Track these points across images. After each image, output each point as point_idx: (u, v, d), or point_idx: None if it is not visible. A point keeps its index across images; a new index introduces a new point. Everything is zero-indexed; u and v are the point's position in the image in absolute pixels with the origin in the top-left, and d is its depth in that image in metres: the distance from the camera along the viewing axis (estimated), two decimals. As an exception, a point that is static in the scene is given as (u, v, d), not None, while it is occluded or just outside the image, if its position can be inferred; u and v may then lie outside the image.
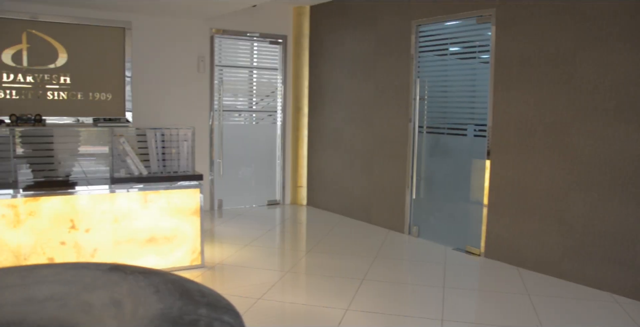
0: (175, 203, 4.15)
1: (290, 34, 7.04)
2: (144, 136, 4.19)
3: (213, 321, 1.35)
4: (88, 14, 5.72)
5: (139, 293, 1.48)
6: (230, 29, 6.64)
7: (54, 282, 1.61)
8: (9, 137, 3.90)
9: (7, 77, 5.40)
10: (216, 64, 6.62)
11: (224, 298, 1.53)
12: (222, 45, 6.72)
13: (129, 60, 5.95)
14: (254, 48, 7.04)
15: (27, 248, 3.77)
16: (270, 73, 7.09)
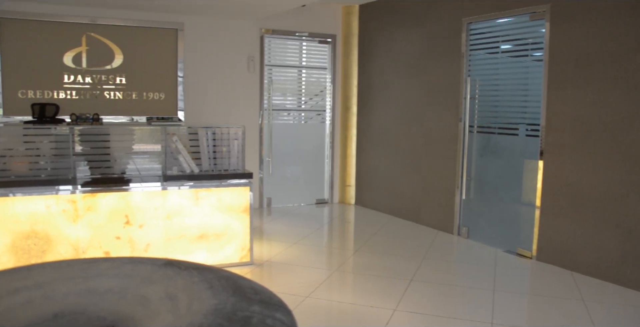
0: (225, 201, 4.22)
1: (339, 33, 7.05)
2: (196, 135, 4.28)
3: (266, 318, 1.37)
4: (143, 16, 5.89)
5: (193, 288, 1.52)
6: (280, 29, 6.70)
7: (113, 276, 1.67)
8: (69, 135, 4.06)
9: (68, 78, 5.64)
10: (266, 64, 6.70)
11: (276, 296, 1.54)
12: (272, 45, 6.79)
13: (181, 60, 6.10)
14: (303, 47, 7.08)
15: (85, 242, 3.92)
16: (319, 72, 7.12)
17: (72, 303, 1.61)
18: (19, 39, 5.49)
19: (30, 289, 1.63)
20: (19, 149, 4.06)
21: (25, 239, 3.79)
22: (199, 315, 1.36)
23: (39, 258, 3.83)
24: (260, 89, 6.66)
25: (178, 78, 6.09)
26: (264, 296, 1.51)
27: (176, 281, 1.57)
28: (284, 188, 6.97)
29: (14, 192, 3.80)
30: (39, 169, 4.03)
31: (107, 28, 5.79)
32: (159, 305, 1.50)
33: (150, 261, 1.73)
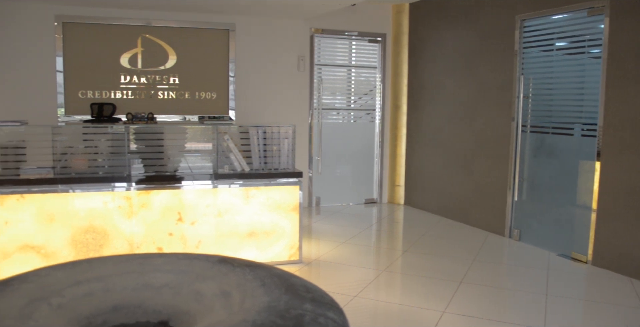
0: (275, 199, 4.27)
1: (389, 32, 7.01)
2: (247, 134, 4.34)
3: (318, 316, 1.38)
4: (195, 17, 6.02)
5: (246, 285, 1.55)
6: (329, 29, 6.72)
7: (168, 271, 1.72)
8: (124, 134, 4.19)
9: (124, 79, 5.82)
10: (315, 63, 6.72)
11: (328, 294, 1.55)
12: (321, 45, 6.81)
13: (232, 60, 6.20)
14: (353, 47, 7.06)
15: (139, 237, 4.04)
16: (368, 71, 7.10)
17: (130, 296, 1.67)
18: (79, 42, 5.71)
19: (92, 282, 1.70)
20: (78, 147, 4.21)
21: (84, 234, 3.93)
22: (252, 312, 1.39)
23: (96, 252, 3.97)
24: (310, 88, 6.70)
25: (229, 78, 6.20)
26: (316, 295, 1.52)
27: (230, 278, 1.60)
28: (333, 187, 6.98)
29: (73, 188, 3.95)
30: (97, 167, 4.17)
31: (162, 30, 5.94)
32: (213, 301, 1.53)
33: (204, 257, 1.77)
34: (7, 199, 3.78)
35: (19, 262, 3.83)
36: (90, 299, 1.64)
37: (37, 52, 5.67)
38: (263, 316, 1.36)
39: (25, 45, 5.65)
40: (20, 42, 5.64)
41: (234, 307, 1.45)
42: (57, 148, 4.07)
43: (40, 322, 1.48)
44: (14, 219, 3.79)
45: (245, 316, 1.36)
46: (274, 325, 1.30)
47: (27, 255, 3.84)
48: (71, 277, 1.70)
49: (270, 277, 1.58)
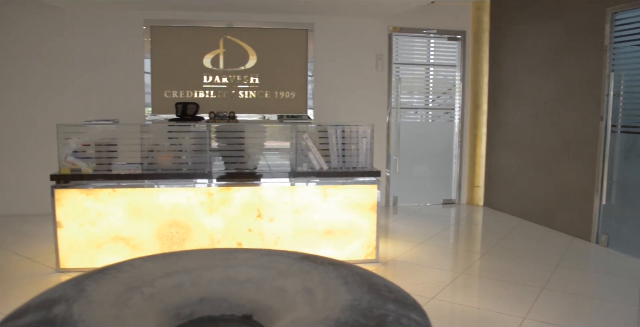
0: (352, 198, 4.27)
1: (469, 30, 6.84)
2: (325, 132, 4.37)
3: (401, 317, 1.37)
4: (275, 18, 6.13)
5: (329, 283, 1.56)
6: (408, 27, 6.64)
7: (252, 267, 1.76)
8: (206, 132, 4.32)
9: (207, 79, 6.03)
10: (393, 62, 6.67)
11: (410, 295, 1.54)
12: (399, 43, 6.74)
13: (311, 60, 6.26)
14: (431, 45, 6.95)
15: (219, 233, 4.16)
16: (447, 70, 6.96)
17: (216, 290, 1.72)
18: (166, 44, 5.97)
19: (180, 274, 1.76)
20: (164, 144, 4.40)
21: (169, 227, 4.10)
22: (335, 310, 1.39)
23: (179, 245, 4.13)
24: (388, 87, 6.65)
25: (308, 77, 6.27)
26: (398, 295, 1.51)
27: (312, 275, 1.62)
28: (410, 187, 6.91)
29: (158, 184, 4.13)
30: (180, 163, 4.34)
31: (242, 31, 6.10)
32: (296, 297, 1.55)
33: (287, 254, 1.80)
34: (100, 193, 4.01)
35: (111, 252, 4.05)
36: (178, 291, 1.71)
37: (128, 55, 5.98)
38: (346, 314, 1.36)
39: (117, 49, 5.98)
40: (112, 46, 5.97)
41: (317, 304, 1.47)
42: (144, 145, 4.27)
43: (135, 310, 1.56)
44: (106, 211, 4.02)
45: (329, 314, 1.37)
46: (357, 324, 1.30)
47: (117, 245, 4.05)
48: (161, 269, 1.77)
49: (352, 276, 1.58)
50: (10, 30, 5.88)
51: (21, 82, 5.96)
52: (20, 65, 5.94)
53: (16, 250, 4.72)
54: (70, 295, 1.64)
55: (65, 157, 4.11)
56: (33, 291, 3.71)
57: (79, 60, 5.98)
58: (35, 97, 5.99)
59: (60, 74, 5.98)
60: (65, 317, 1.50)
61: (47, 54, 5.95)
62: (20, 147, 6.04)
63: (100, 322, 1.48)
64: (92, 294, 1.63)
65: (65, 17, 5.92)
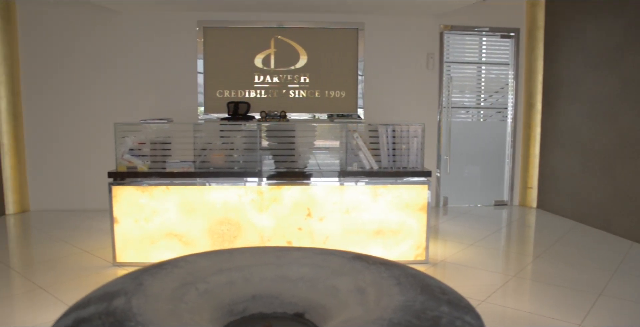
0: (402, 198, 4.24)
1: (523, 27, 6.67)
2: (376, 132, 4.35)
3: (455, 319, 1.35)
4: (326, 18, 6.14)
5: (381, 283, 1.55)
6: (459, 25, 6.54)
7: (305, 265, 1.76)
8: (257, 131, 4.37)
9: (258, 79, 6.10)
10: (445, 61, 6.58)
11: (464, 298, 1.51)
12: (450, 42, 6.64)
13: (361, 59, 6.25)
14: (483, 43, 6.82)
15: (269, 231, 4.20)
16: (499, 68, 6.81)
17: (268, 287, 1.74)
18: (218, 44, 6.08)
19: (232, 271, 1.79)
20: (216, 143, 4.48)
21: (220, 225, 4.17)
22: (388, 310, 1.38)
23: (230, 243, 4.19)
24: (439, 86, 6.57)
25: (358, 76, 6.25)
26: (452, 297, 1.49)
27: (365, 275, 1.61)
28: (461, 188, 6.80)
29: (210, 182, 4.20)
30: (232, 162, 4.40)
31: (293, 31, 6.14)
32: (348, 297, 1.55)
33: (339, 253, 1.80)
34: (155, 190, 4.12)
35: (164, 248, 4.15)
36: (231, 287, 1.74)
37: (181, 56, 6.12)
38: (399, 315, 1.35)
39: (171, 50, 6.12)
40: (166, 47, 6.13)
41: (369, 304, 1.46)
42: (197, 144, 4.35)
43: (190, 305, 1.59)
44: (160, 208, 4.12)
45: (382, 314, 1.36)
46: (411, 325, 1.28)
47: (170, 241, 4.15)
48: (215, 266, 1.81)
49: (405, 277, 1.56)
50: (70, 33, 6.12)
51: (80, 82, 6.19)
52: (79, 66, 6.17)
53: (75, 243, 4.90)
54: (129, 289, 1.69)
55: (122, 155, 4.24)
56: (91, 283, 3.85)
57: (135, 61, 6.16)
58: (93, 97, 6.21)
59: (117, 75, 6.18)
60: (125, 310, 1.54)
61: (104, 55, 6.16)
62: (80, 145, 6.27)
63: (157, 317, 1.51)
64: (149, 288, 1.67)
65: (122, 20, 6.11)
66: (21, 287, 3.85)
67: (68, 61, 6.16)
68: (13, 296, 3.67)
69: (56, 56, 6.16)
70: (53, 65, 6.17)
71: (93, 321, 1.52)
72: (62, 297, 3.58)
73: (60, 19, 6.10)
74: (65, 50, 6.15)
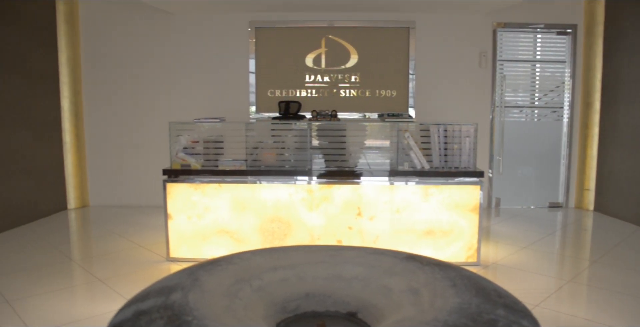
0: (454, 198, 4.18)
1: (581, 23, 6.46)
2: (427, 131, 4.30)
3: (512, 323, 1.32)
4: (376, 17, 6.12)
5: (435, 284, 1.54)
6: (513, 22, 6.39)
7: (358, 264, 1.77)
8: (307, 130, 4.40)
9: (309, 78, 6.14)
10: (498, 59, 6.44)
11: (521, 302, 1.48)
12: (504, 39, 6.50)
13: (412, 58, 6.19)
14: (538, 40, 6.64)
15: (319, 229, 4.22)
16: (555, 66, 6.62)
17: (321, 285, 1.75)
18: (269, 44, 6.15)
19: (286, 269, 1.81)
20: (267, 142, 4.53)
21: (270, 223, 4.22)
22: (442, 312, 1.37)
23: (280, 241, 4.24)
24: (492, 85, 6.44)
25: (409, 75, 6.20)
26: (508, 301, 1.46)
27: (418, 276, 1.60)
28: (514, 189, 6.65)
29: (260, 180, 4.26)
30: (283, 161, 4.45)
31: (344, 30, 6.14)
32: (401, 297, 1.54)
33: (392, 253, 1.79)
34: (207, 188, 4.21)
35: (216, 245, 4.24)
36: (285, 285, 1.76)
37: (234, 56, 6.23)
38: (454, 317, 1.33)
39: (224, 50, 6.24)
40: (219, 48, 6.24)
41: (423, 305, 1.45)
42: (249, 143, 4.42)
43: (244, 302, 1.62)
44: (213, 205, 4.21)
45: (436, 315, 1.35)
46: (466, 327, 1.27)
47: (222, 238, 4.23)
48: (269, 263, 1.83)
49: (460, 279, 1.55)
50: (128, 35, 6.32)
51: (137, 83, 6.38)
52: (136, 67, 6.36)
53: (131, 238, 5.06)
54: (185, 284, 1.74)
55: (176, 153, 4.35)
56: (146, 277, 3.97)
57: (189, 61, 6.31)
58: (150, 96, 6.39)
59: (172, 75, 6.34)
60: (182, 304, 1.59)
61: (159, 56, 6.33)
62: (137, 143, 6.47)
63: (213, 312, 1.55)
64: (205, 284, 1.71)
65: (176, 21, 6.26)
66: (81, 278, 4.01)
67: (126, 62, 6.36)
68: (74, 287, 3.83)
69: (115, 57, 6.37)
70: (112, 66, 6.38)
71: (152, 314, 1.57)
72: (119, 290, 3.71)
73: (119, 21, 6.31)
74: (123, 51, 6.35)
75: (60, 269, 4.21)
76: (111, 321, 1.78)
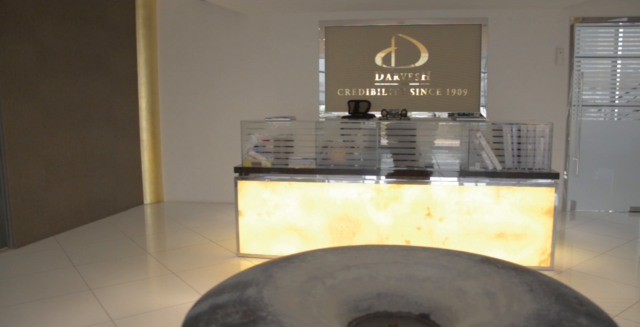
0: (527, 200, 4.06)
1: (670, 16, 6.10)
2: (499, 131, 4.20)
3: (595, 332, 1.28)
4: (447, 14, 6.02)
5: (512, 289, 1.50)
6: (592, 16, 6.11)
7: (431, 265, 1.76)
8: (376, 129, 4.39)
9: (378, 77, 6.13)
10: (575, 55, 6.19)
11: (604, 311, 1.43)
12: (581, 35, 6.23)
13: (484, 56, 6.05)
14: (619, 35, 6.32)
15: (387, 229, 4.21)
16: (638, 62, 6.28)
17: (394, 286, 1.75)
18: (339, 44, 6.18)
19: (359, 268, 1.82)
20: (336, 140, 4.56)
21: (339, 221, 4.25)
22: (520, 318, 1.34)
23: (349, 239, 4.26)
24: (569, 83, 6.19)
25: (481, 74, 6.07)
26: (590, 309, 1.41)
27: (494, 279, 1.57)
28: (591, 192, 6.37)
29: (328, 179, 4.29)
30: (352, 159, 4.46)
31: (414, 28, 6.08)
32: (476, 300, 1.52)
33: (466, 255, 1.77)
34: (277, 186, 4.28)
35: (285, 242, 4.31)
36: (357, 284, 1.77)
37: (303, 55, 6.30)
38: (532, 323, 1.30)
39: (294, 50, 6.32)
40: (290, 47, 6.33)
41: (499, 309, 1.42)
42: (318, 141, 4.46)
43: (317, 299, 1.65)
44: (282, 203, 4.28)
45: (513, 321, 1.32)
46: (545, 334, 1.24)
47: (291, 236, 4.30)
48: (342, 261, 1.85)
49: (538, 284, 1.51)
50: (203, 37, 6.52)
51: (210, 82, 6.58)
52: (210, 67, 6.55)
53: (203, 233, 5.23)
54: (259, 280, 1.78)
55: (247, 151, 4.45)
56: (217, 271, 4.09)
57: (260, 61, 6.44)
58: (223, 96, 6.57)
59: (243, 75, 6.49)
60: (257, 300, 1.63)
61: (232, 56, 6.49)
62: (209, 141, 6.67)
63: (287, 308, 1.58)
64: (279, 281, 1.75)
65: (249, 22, 6.40)
66: (156, 270, 4.19)
67: (199, 63, 6.57)
68: (149, 278, 4.00)
69: (189, 59, 6.59)
70: (186, 67, 6.61)
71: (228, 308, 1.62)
72: (191, 283, 3.85)
73: (193, 24, 6.52)
74: (197, 53, 6.56)
75: (136, 260, 4.41)
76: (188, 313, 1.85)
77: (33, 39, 4.89)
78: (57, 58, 5.19)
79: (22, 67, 4.77)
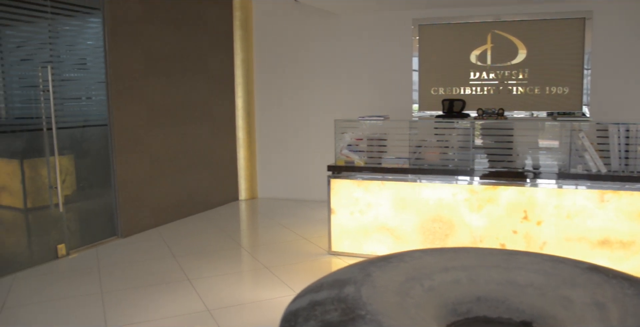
0: (636, 206, 3.81)
1: None
2: (604, 132, 3.97)
3: None
4: (547, 8, 5.76)
5: (625, 300, 1.43)
6: None
7: (533, 271, 1.71)
8: (470, 129, 4.29)
9: (474, 75, 5.98)
10: (692, 50, 5.72)
11: None
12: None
13: (587, 51, 5.73)
14: None
15: (481, 231, 4.11)
16: None
17: (494, 290, 1.72)
18: (432, 42, 6.09)
19: (458, 270, 1.81)
20: (430, 140, 4.50)
21: (432, 222, 4.20)
22: (634, 330, 1.28)
23: (441, 241, 4.20)
24: (683, 79, 5.74)
25: (584, 70, 5.76)
26: None
27: (604, 289, 1.51)
28: None
29: (420, 179, 4.25)
30: (446, 159, 4.39)
31: (511, 24, 5.87)
32: (584, 311, 1.46)
33: (571, 262, 1.70)
34: (370, 185, 4.30)
35: (376, 241, 4.32)
36: (456, 287, 1.76)
37: (397, 54, 6.27)
38: (648, 336, 1.24)
39: (387, 49, 6.31)
40: (382, 46, 6.32)
41: (611, 322, 1.36)
42: (412, 141, 4.43)
43: (415, 300, 1.65)
44: (375, 202, 4.30)
45: (627, 333, 1.26)
46: (663, 349, 1.17)
47: (383, 235, 4.31)
48: (440, 263, 1.84)
49: (654, 296, 1.43)
50: (296, 37, 6.65)
51: (304, 81, 6.70)
52: (304, 66, 6.68)
53: (295, 230, 5.34)
54: (357, 278, 1.81)
55: (340, 150, 4.51)
56: (309, 268, 4.18)
57: (353, 60, 6.47)
58: (315, 95, 6.68)
59: (337, 74, 6.56)
60: (355, 298, 1.66)
61: (325, 56, 6.57)
62: (303, 140, 6.80)
63: (385, 308, 1.60)
64: (377, 280, 1.77)
65: (340, 22, 6.46)
66: (249, 264, 4.34)
67: (294, 62, 6.71)
68: (242, 272, 4.16)
69: (284, 59, 6.75)
70: (281, 67, 6.77)
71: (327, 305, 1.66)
72: (283, 278, 3.95)
73: (287, 25, 6.67)
74: (291, 53, 6.71)
75: (231, 254, 4.59)
76: (287, 308, 1.91)
77: (139, 43, 5.22)
78: (160, 60, 5.51)
79: (130, 70, 5.11)
